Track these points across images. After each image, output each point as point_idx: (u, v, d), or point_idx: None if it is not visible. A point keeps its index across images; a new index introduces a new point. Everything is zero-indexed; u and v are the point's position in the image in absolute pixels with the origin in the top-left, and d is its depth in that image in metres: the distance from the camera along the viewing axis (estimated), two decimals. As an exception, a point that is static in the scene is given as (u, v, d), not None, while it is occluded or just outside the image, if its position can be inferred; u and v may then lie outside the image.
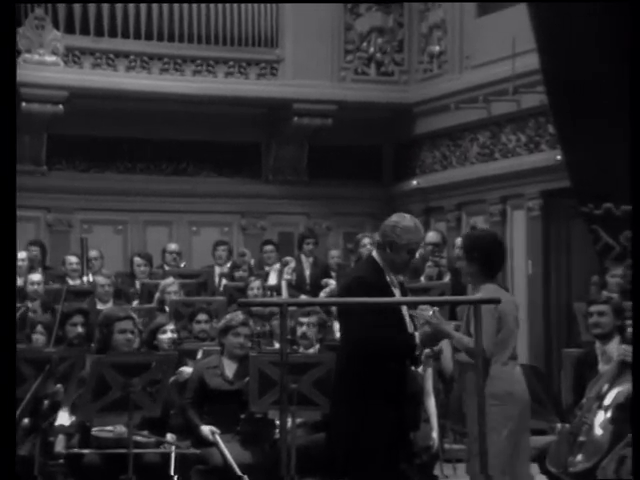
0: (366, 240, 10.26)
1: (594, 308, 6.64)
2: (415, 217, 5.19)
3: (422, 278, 9.29)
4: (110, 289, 9.48)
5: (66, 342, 7.26)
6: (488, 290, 5.17)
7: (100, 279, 9.55)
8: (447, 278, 9.28)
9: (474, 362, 4.98)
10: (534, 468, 5.94)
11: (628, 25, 8.19)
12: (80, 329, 7.29)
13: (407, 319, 5.09)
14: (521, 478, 5.20)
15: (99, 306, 9.03)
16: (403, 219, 5.05)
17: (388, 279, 5.04)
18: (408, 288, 8.76)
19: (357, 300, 4.93)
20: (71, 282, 9.97)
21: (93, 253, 10.73)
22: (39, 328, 7.37)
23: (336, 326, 8.02)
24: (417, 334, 4.96)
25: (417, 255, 5.15)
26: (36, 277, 9.36)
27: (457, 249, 10.34)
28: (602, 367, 6.48)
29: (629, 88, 7.63)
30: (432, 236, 9.90)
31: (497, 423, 5.06)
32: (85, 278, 9.98)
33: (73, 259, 10.33)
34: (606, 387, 6.12)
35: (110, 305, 9.06)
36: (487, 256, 5.22)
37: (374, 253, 5.13)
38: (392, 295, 5.03)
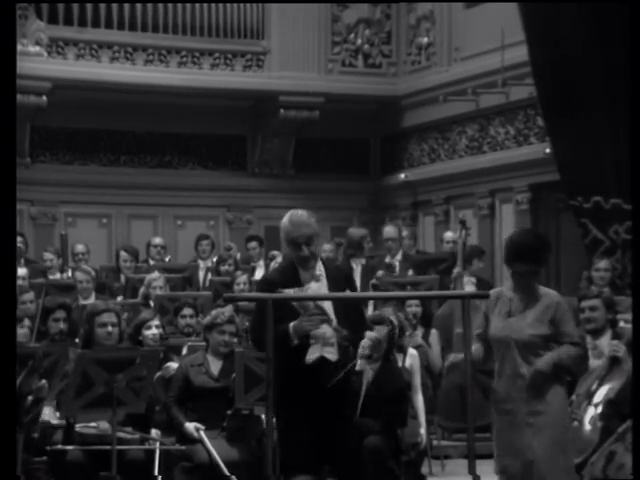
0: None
1: (586, 303, 6.61)
2: (305, 210, 5.19)
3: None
4: (89, 285, 9.34)
5: (48, 337, 7.17)
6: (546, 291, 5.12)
7: (79, 275, 9.42)
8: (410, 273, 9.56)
9: (465, 356, 4.97)
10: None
11: (618, 17, 8.15)
12: (62, 325, 7.19)
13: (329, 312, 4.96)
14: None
15: (82, 301, 8.92)
16: (283, 221, 5.16)
17: (301, 275, 5.04)
18: (393, 282, 8.81)
19: (345, 295, 4.90)
20: (51, 277, 9.84)
21: (80, 247, 10.62)
22: (26, 322, 7.25)
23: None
24: (291, 325, 4.89)
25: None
26: (22, 272, 9.22)
27: (446, 243, 10.34)
28: (592, 362, 6.44)
29: (629, 87, 7.56)
30: (389, 231, 10.15)
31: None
32: (65, 274, 9.84)
33: (49, 255, 10.20)
34: (596, 384, 6.08)
35: (92, 300, 8.95)
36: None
37: None
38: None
